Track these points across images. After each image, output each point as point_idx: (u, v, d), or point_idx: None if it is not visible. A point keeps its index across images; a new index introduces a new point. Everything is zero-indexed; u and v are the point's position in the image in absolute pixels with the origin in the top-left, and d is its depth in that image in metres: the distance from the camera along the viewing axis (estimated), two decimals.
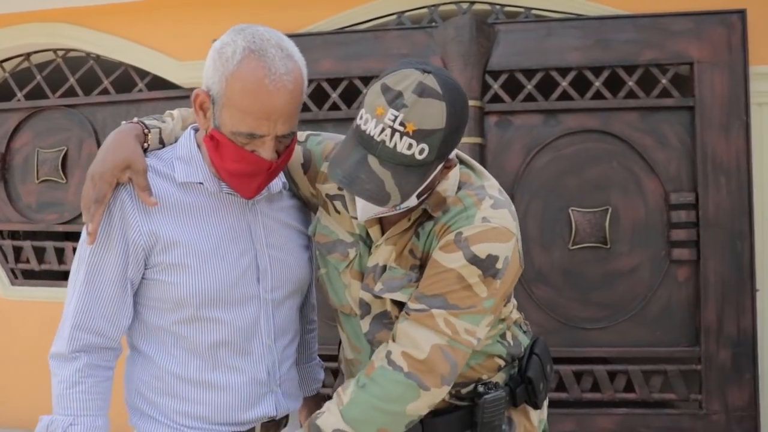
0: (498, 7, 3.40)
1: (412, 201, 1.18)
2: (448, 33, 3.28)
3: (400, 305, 1.24)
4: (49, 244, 3.89)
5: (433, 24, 3.40)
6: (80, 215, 3.58)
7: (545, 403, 1.45)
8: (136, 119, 1.31)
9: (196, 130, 1.33)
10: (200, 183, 1.28)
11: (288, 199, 1.43)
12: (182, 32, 3.65)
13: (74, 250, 3.76)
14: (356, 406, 1.17)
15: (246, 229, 1.31)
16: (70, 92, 3.94)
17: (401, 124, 1.07)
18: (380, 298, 1.25)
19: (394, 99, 1.09)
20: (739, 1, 3.14)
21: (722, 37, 3.14)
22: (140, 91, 3.82)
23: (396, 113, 1.08)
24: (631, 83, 3.24)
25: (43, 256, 3.92)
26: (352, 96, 3.44)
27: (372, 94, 1.13)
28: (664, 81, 3.22)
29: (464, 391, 1.31)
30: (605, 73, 3.27)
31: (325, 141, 1.41)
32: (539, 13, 3.37)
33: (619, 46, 3.23)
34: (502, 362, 1.36)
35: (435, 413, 1.28)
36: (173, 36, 3.67)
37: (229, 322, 1.26)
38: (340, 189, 1.34)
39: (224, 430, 1.29)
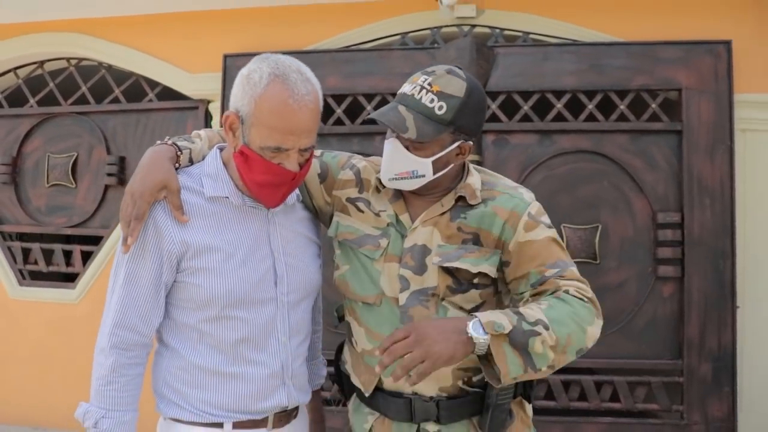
0: (498, 30, 3.56)
1: (428, 169, 1.41)
2: (449, 54, 3.43)
3: (451, 275, 1.43)
4: (58, 247, 4.00)
5: (436, 45, 3.55)
6: (88, 219, 3.70)
7: None
8: (170, 141, 1.46)
9: (221, 149, 1.48)
10: (226, 197, 1.43)
11: (301, 210, 1.59)
12: (193, 46, 3.79)
13: (82, 252, 3.91)
14: (555, 310, 1.29)
15: (265, 239, 1.46)
16: (82, 100, 4.07)
17: (429, 84, 1.39)
18: (420, 275, 1.43)
19: (429, 73, 1.42)
20: (725, 32, 3.32)
21: (709, 66, 3.31)
22: (150, 101, 3.95)
23: (427, 77, 1.40)
24: (622, 107, 3.40)
25: (51, 258, 4.04)
26: (356, 112, 3.59)
27: (414, 74, 1.45)
28: (653, 106, 3.38)
29: (475, 378, 1.46)
30: (598, 97, 3.43)
31: (339, 155, 1.63)
32: (537, 37, 3.53)
33: (612, 71, 3.39)
34: None
35: (449, 397, 1.44)
36: (185, 49, 3.81)
37: (249, 320, 1.41)
38: (360, 192, 1.53)
39: (242, 418, 1.42)
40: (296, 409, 1.54)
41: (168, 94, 3.93)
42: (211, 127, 3.80)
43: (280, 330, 1.46)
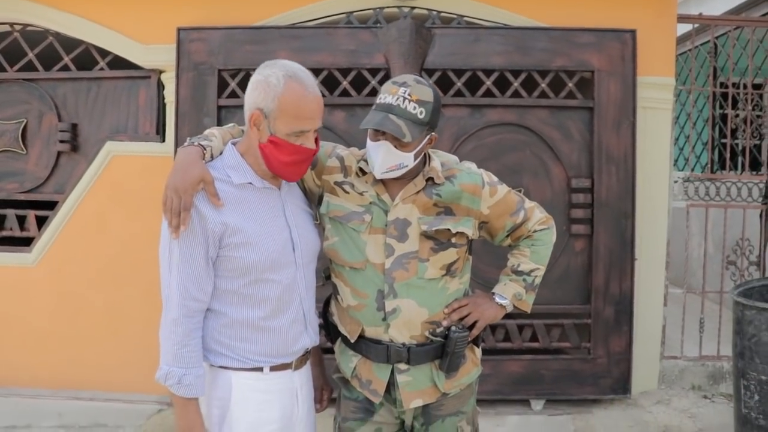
0: (435, 12, 3.90)
1: (411, 160, 1.78)
2: (391, 34, 3.76)
3: (432, 239, 1.82)
4: (11, 212, 4.11)
5: (378, 25, 3.85)
6: (41, 185, 3.84)
7: None
8: (197, 142, 1.75)
9: (234, 144, 1.79)
10: (249, 183, 1.74)
11: (298, 190, 1.92)
12: (145, 17, 3.92)
13: (36, 217, 4.04)
14: (536, 254, 1.96)
15: (281, 214, 1.79)
16: (29, 66, 4.12)
17: (409, 95, 1.73)
18: (403, 242, 1.81)
19: (402, 84, 1.75)
20: (631, 22, 3.81)
21: (617, 51, 3.80)
22: (102, 69, 4.06)
23: (406, 89, 1.74)
24: (543, 85, 3.85)
25: (3, 224, 4.14)
26: None
27: (386, 86, 1.78)
28: (570, 85, 3.85)
29: (438, 330, 1.86)
30: (523, 76, 3.86)
31: (325, 146, 1.94)
32: (470, 20, 3.90)
33: (535, 53, 3.82)
34: None
35: (417, 344, 1.84)
36: (136, 20, 3.93)
37: (280, 281, 1.74)
38: (345, 176, 1.87)
39: (277, 362, 1.76)
40: (308, 354, 1.89)
41: (119, 62, 4.04)
42: (163, 96, 4.00)
43: (301, 286, 1.80)
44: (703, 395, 4.07)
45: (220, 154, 1.78)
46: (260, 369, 1.74)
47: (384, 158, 1.76)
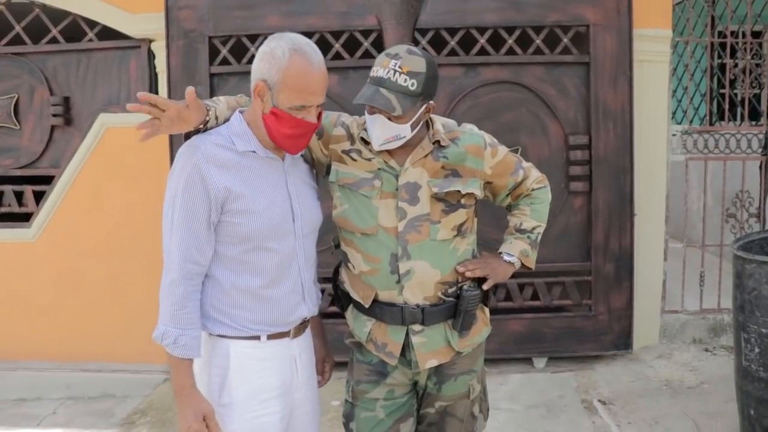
0: None
1: (408, 131, 1.79)
2: None
3: (442, 201, 1.84)
4: (8, 188, 4.10)
5: None
6: (36, 159, 3.81)
7: None
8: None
9: (241, 112, 1.79)
10: (253, 151, 1.74)
11: (303, 163, 1.93)
12: None
13: (34, 192, 4.03)
14: (536, 212, 2.01)
15: (283, 185, 1.79)
16: (17, 40, 4.07)
17: (399, 67, 1.72)
18: (414, 205, 1.83)
19: (394, 57, 1.74)
20: None
21: (613, 4, 3.74)
22: (90, 40, 4.01)
23: (396, 62, 1.73)
24: (538, 41, 3.80)
25: (1, 200, 4.13)
26: None
27: (379, 58, 1.77)
28: (565, 40, 3.79)
29: (450, 290, 1.88)
30: (517, 32, 3.81)
31: (330, 115, 1.95)
32: None
33: (529, 8, 3.77)
34: None
35: (431, 305, 1.87)
36: None
37: (279, 250, 1.75)
38: (352, 144, 1.88)
39: (274, 330, 1.77)
40: (307, 322, 1.90)
41: (109, 33, 3.99)
42: (154, 66, 3.96)
43: (300, 256, 1.81)
44: (704, 348, 4.10)
45: (226, 120, 1.77)
46: (257, 337, 1.76)
47: (380, 131, 1.77)
